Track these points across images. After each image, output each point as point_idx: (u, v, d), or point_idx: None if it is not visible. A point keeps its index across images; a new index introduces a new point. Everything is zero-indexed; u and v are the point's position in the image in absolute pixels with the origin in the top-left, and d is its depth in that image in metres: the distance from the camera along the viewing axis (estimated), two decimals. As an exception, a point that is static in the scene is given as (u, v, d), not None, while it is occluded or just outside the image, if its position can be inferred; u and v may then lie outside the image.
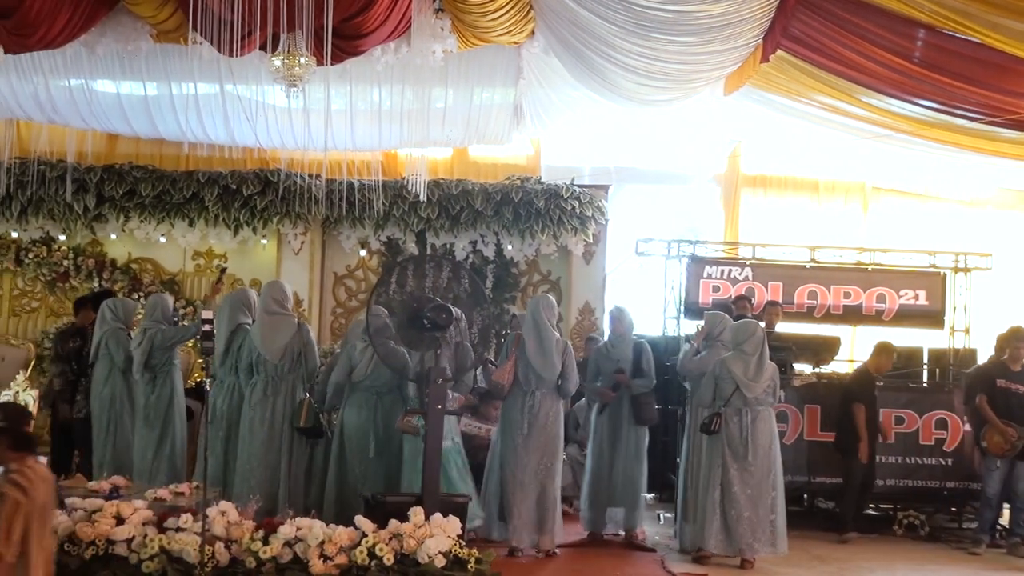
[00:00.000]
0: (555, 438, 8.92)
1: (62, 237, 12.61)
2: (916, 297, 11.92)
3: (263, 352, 8.77)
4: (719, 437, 8.76)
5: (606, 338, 10.35)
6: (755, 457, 8.66)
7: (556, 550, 8.80)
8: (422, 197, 11.08)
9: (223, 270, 11.11)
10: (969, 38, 8.74)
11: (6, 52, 8.94)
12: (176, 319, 9.87)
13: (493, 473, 8.97)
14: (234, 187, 12.20)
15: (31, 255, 12.54)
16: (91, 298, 10.92)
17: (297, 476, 8.77)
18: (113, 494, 7.42)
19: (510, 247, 12.46)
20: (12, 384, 6.28)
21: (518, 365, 8.87)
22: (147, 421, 9.40)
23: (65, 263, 12.54)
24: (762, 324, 10.91)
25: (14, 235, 12.57)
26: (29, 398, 6.24)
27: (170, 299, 10.05)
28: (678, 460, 9.79)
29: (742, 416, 8.73)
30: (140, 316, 10.04)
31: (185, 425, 9.66)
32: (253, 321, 9.05)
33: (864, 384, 10.30)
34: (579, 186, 12.43)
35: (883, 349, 10.43)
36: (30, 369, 11.20)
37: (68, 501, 7.09)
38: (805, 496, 11.23)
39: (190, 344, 10.50)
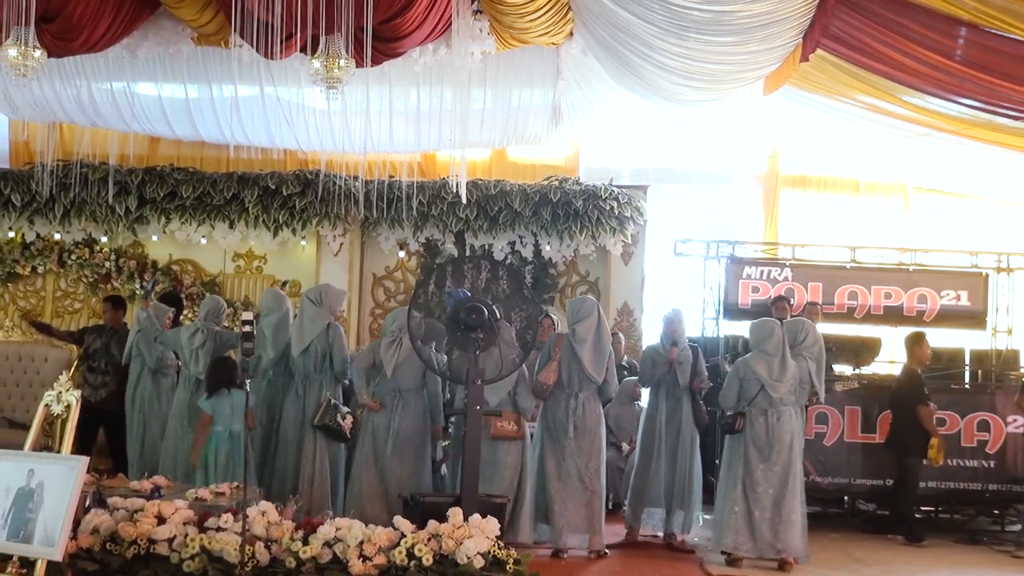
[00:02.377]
0: (599, 439, 8.98)
1: (104, 239, 12.72)
2: (958, 298, 11.80)
3: (293, 347, 8.95)
4: (741, 436, 8.75)
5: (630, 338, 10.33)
6: (779, 457, 8.63)
7: (607, 551, 8.83)
8: (463, 199, 11.11)
9: (284, 283, 11.30)
10: (1013, 36, 8.65)
11: (50, 56, 9.01)
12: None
13: (533, 475, 8.96)
14: (274, 188, 12.26)
15: (74, 257, 12.67)
16: (113, 298, 11.17)
17: (324, 476, 8.86)
18: (154, 494, 7.49)
19: (548, 248, 12.45)
20: (55, 384, 6.32)
21: (561, 366, 8.88)
22: (191, 422, 9.50)
23: (107, 265, 12.65)
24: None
25: (57, 237, 12.69)
26: (72, 398, 6.28)
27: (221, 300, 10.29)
28: (717, 462, 9.76)
29: (767, 416, 8.69)
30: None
31: None
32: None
33: (919, 383, 10.29)
34: (618, 187, 12.39)
35: (916, 339, 10.47)
36: (72, 370, 11.30)
37: (110, 500, 7.17)
38: (846, 498, 11.17)
39: None
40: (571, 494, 8.77)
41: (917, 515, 10.60)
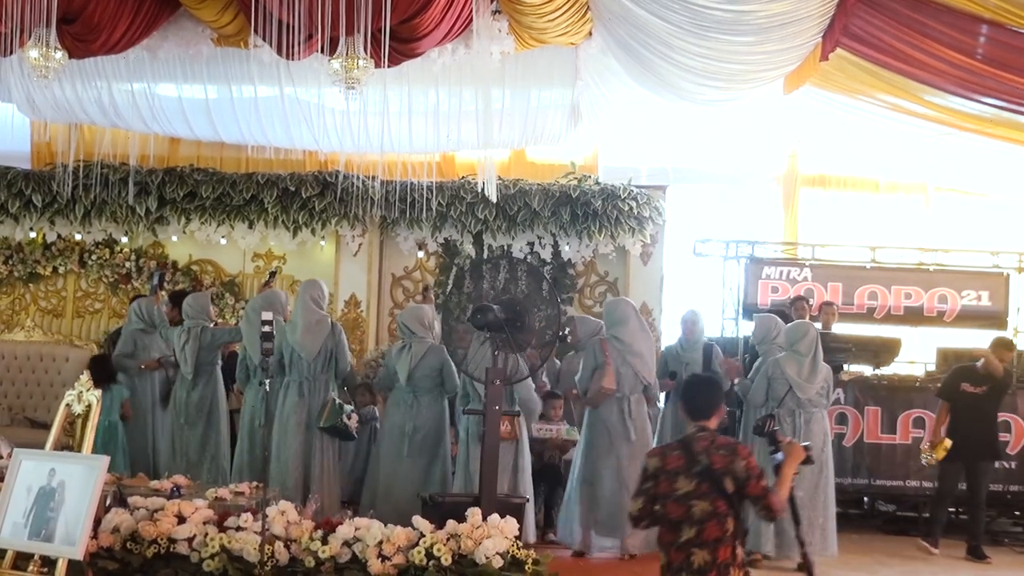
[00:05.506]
0: (650, 440, 8.98)
1: (124, 239, 12.75)
2: (979, 298, 11.76)
3: (300, 350, 8.91)
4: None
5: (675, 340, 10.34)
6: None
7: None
8: (492, 198, 11.13)
9: (272, 273, 11.32)
10: (1034, 34, 8.62)
11: (71, 57, 9.06)
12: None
13: (585, 482, 8.94)
14: (293, 189, 12.26)
15: (94, 257, 12.70)
16: (173, 295, 11.20)
17: (333, 475, 8.88)
18: (175, 493, 7.51)
19: (567, 248, 12.43)
20: (76, 384, 6.35)
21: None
22: (187, 420, 9.53)
23: (127, 265, 12.69)
24: (818, 325, 10.87)
25: (78, 237, 12.73)
26: (92, 398, 6.30)
27: (207, 295, 10.39)
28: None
29: (795, 417, 8.68)
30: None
31: (228, 424, 9.80)
32: (285, 320, 9.21)
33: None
34: (636, 186, 12.35)
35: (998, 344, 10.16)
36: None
37: (130, 500, 7.19)
38: (865, 499, 11.13)
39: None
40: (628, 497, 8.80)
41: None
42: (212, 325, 10.03)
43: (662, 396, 10.09)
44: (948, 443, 9.70)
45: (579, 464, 9.04)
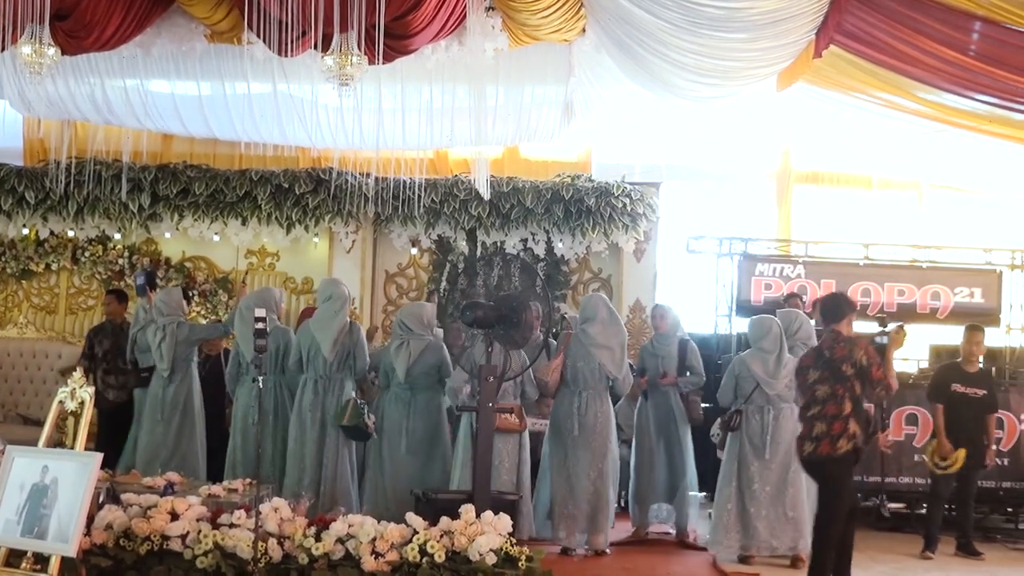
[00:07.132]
0: (605, 439, 8.92)
1: (117, 236, 12.75)
2: (972, 295, 11.76)
3: (322, 347, 8.90)
4: (739, 434, 8.75)
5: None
6: (775, 454, 8.63)
7: (608, 549, 8.82)
8: (485, 196, 11.12)
9: (245, 274, 11.37)
10: (1027, 31, 8.61)
11: (64, 53, 9.03)
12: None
13: (545, 474, 8.98)
14: (287, 186, 12.26)
15: (87, 254, 12.69)
16: (117, 292, 11.13)
17: (344, 474, 8.87)
18: (168, 490, 7.51)
19: (561, 245, 12.44)
20: (69, 381, 6.34)
21: (567, 364, 8.88)
22: (163, 416, 9.49)
23: (120, 262, 12.68)
24: (813, 321, 10.87)
25: (71, 234, 12.71)
26: (86, 395, 6.29)
27: (179, 290, 10.35)
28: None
29: (763, 413, 8.70)
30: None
31: (203, 422, 9.75)
32: (278, 318, 9.20)
33: (936, 378, 10.03)
34: (630, 183, 12.36)
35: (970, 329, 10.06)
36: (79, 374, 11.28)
37: (123, 497, 7.19)
38: (859, 495, 11.13)
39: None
40: (574, 492, 8.76)
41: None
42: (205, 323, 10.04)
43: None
44: (963, 454, 9.54)
45: (545, 456, 9.10)
